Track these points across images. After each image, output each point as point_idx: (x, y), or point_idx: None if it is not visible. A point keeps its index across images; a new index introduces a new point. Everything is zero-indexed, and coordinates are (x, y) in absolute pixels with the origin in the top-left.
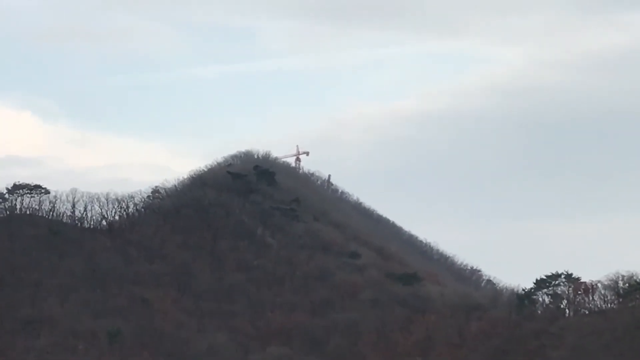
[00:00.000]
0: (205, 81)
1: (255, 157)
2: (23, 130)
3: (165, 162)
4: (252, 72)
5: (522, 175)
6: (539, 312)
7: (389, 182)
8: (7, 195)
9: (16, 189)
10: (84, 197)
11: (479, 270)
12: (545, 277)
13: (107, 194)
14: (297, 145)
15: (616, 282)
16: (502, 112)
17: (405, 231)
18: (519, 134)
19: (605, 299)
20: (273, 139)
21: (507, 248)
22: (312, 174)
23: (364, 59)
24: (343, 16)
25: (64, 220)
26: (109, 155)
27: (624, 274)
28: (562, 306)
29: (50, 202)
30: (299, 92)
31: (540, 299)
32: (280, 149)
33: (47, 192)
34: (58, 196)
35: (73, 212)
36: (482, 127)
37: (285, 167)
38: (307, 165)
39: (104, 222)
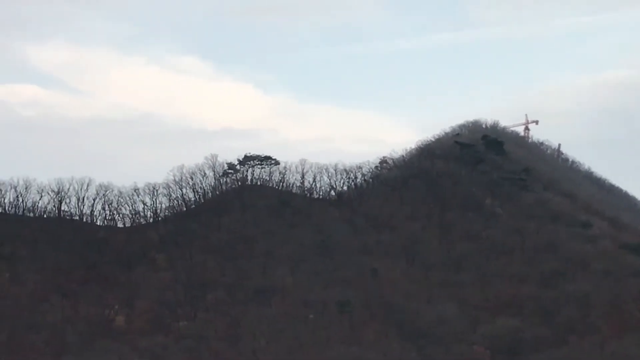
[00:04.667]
0: (418, 52)
1: (483, 126)
2: (243, 102)
3: (377, 133)
4: (464, 42)
5: None
6: None
7: (620, 151)
8: (238, 167)
9: (247, 160)
10: (313, 168)
11: None
12: None
13: (336, 165)
14: (526, 114)
15: None
16: None
17: None
18: None
19: None
20: (502, 108)
21: None
22: (542, 143)
23: (575, 27)
24: None
25: (294, 191)
26: (322, 127)
27: None
28: None
29: (280, 173)
30: (517, 62)
31: None
32: (508, 119)
33: (277, 163)
34: (288, 167)
35: (302, 183)
36: None
37: (514, 136)
38: (537, 134)
39: (332, 193)
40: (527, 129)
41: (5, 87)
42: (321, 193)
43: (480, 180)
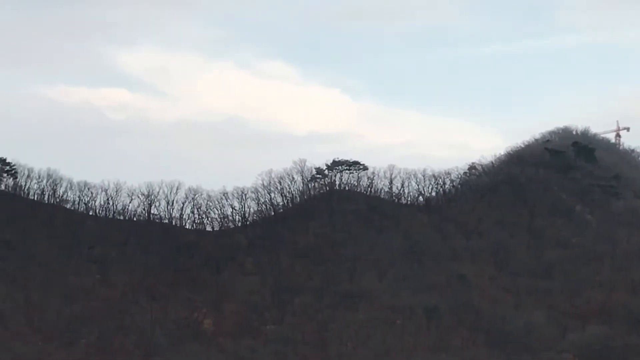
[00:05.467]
0: (504, 57)
1: (574, 133)
2: (330, 107)
3: (464, 139)
4: (551, 47)
5: None
6: None
7: None
8: (326, 172)
9: (335, 165)
10: (401, 174)
11: None
12: None
13: (424, 171)
14: (617, 121)
15: None
16: None
17: None
18: None
19: None
20: (592, 114)
21: None
22: (633, 150)
23: None
24: None
25: (382, 196)
26: (408, 132)
27: None
28: None
29: (368, 178)
30: (607, 68)
31: None
32: (599, 125)
33: (366, 168)
34: (376, 172)
35: (390, 188)
36: None
37: (605, 143)
38: (628, 141)
39: (420, 199)
40: (618, 135)
41: (94, 91)
42: (409, 199)
43: (570, 187)
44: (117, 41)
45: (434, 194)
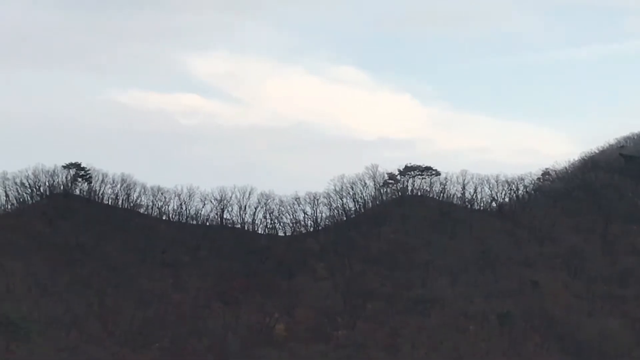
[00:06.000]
0: (576, 62)
1: None
2: (400, 112)
3: (536, 144)
4: (623, 53)
5: None
6: None
7: None
8: (399, 177)
9: (407, 170)
10: (474, 179)
11: None
12: None
13: (497, 176)
14: None
15: None
16: None
17: None
18: None
19: None
20: None
21: None
22: None
23: None
24: None
25: (454, 202)
26: (479, 138)
27: None
28: None
29: (440, 184)
30: None
31: None
32: None
33: (438, 174)
34: (448, 178)
35: (463, 194)
36: None
37: None
38: None
39: (493, 204)
40: None
41: (166, 97)
42: (482, 204)
43: None
44: (189, 47)
45: (507, 199)
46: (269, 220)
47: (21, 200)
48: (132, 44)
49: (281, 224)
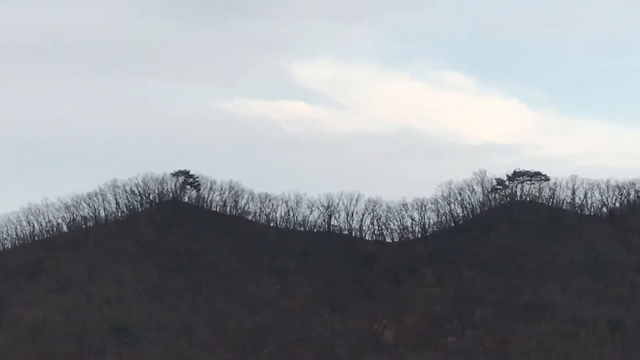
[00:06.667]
0: None
1: None
2: (506, 117)
3: None
4: None
5: None
6: None
7: None
8: (507, 182)
9: (516, 176)
10: (584, 184)
11: None
12: None
13: (607, 181)
14: None
15: None
16: None
17: None
18: None
19: None
20: None
21: None
22: None
23: None
24: None
25: (564, 207)
26: (587, 142)
27: None
28: None
29: (549, 189)
30: None
31: None
32: None
33: (547, 179)
34: (558, 183)
35: (573, 199)
36: None
37: None
38: None
39: (604, 210)
40: None
41: (271, 104)
42: (592, 210)
43: None
44: (295, 54)
45: (617, 204)
46: (376, 227)
47: (131, 207)
48: (238, 52)
49: (389, 230)
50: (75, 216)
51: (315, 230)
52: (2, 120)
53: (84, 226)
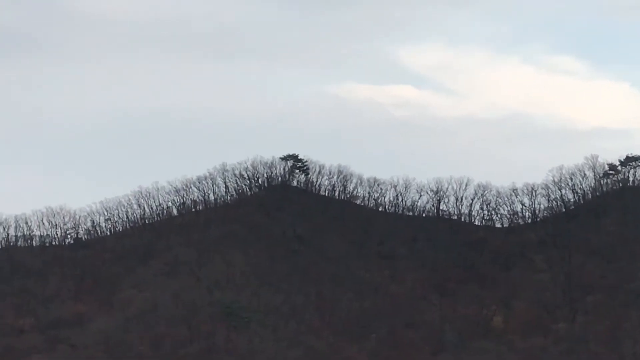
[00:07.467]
0: None
1: None
2: (617, 102)
3: None
4: None
5: None
6: None
7: None
8: (619, 167)
9: (629, 161)
10: None
11: None
12: None
13: None
14: None
15: None
16: None
17: None
18: None
19: None
20: None
21: None
22: None
23: None
24: None
25: None
26: None
27: None
28: None
29: None
30: None
31: None
32: None
33: None
34: None
35: None
36: None
37: None
38: None
39: None
40: None
41: (379, 89)
42: None
43: None
44: (403, 39)
45: None
46: (485, 212)
47: (240, 191)
48: (346, 37)
49: (498, 215)
50: (185, 200)
51: (424, 215)
52: (118, 105)
53: (193, 210)
